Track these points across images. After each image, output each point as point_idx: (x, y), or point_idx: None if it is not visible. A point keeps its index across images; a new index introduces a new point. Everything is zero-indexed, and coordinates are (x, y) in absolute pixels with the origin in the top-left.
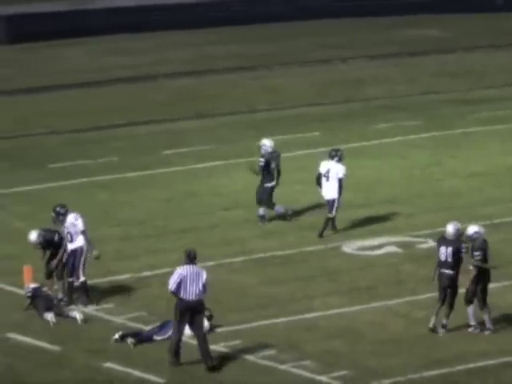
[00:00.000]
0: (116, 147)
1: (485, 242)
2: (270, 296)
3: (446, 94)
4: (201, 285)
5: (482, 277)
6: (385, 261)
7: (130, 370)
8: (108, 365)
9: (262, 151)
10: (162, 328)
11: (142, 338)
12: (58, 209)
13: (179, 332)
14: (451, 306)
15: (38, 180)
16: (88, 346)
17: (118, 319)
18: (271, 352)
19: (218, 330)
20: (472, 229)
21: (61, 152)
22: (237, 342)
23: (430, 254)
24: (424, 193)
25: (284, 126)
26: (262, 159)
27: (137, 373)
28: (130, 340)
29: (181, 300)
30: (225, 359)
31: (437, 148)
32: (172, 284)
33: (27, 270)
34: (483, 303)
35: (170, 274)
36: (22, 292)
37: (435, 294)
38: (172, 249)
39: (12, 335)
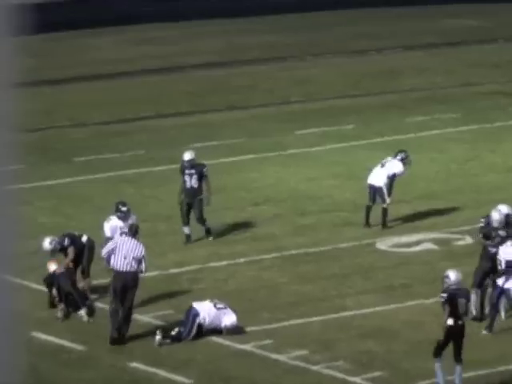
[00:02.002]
0: (143, 140)
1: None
2: (302, 294)
3: (486, 85)
4: (135, 258)
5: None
6: (421, 258)
7: (156, 370)
8: (134, 364)
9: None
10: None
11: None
12: (119, 206)
13: (113, 303)
14: None
15: (62, 174)
16: (113, 345)
17: (145, 317)
18: (303, 352)
19: (249, 329)
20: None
21: (86, 145)
22: (268, 342)
23: (467, 251)
24: (462, 188)
25: (317, 119)
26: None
27: (163, 373)
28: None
29: (112, 270)
30: (256, 359)
31: (475, 142)
32: (105, 251)
33: (51, 265)
34: None
35: (199, 271)
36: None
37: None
38: (200, 245)
39: (36, 334)
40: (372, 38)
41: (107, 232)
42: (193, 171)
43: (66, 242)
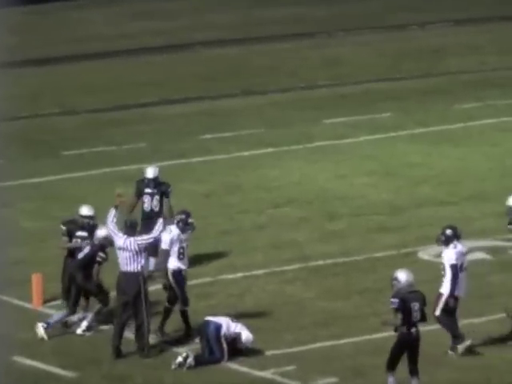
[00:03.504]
0: (144, 131)
1: None
2: (331, 312)
3: None
4: (129, 255)
5: None
6: (471, 270)
7: None
8: None
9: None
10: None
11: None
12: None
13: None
14: None
15: (49, 170)
16: (110, 372)
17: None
18: (332, 380)
19: (269, 353)
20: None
21: (78, 136)
22: (291, 368)
23: None
24: None
25: (348, 106)
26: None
27: None
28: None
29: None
30: None
31: None
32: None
33: (36, 279)
34: None
35: (209, 285)
36: (30, 306)
37: None
38: (211, 254)
39: (18, 358)
40: (413, 11)
41: (166, 244)
42: (155, 191)
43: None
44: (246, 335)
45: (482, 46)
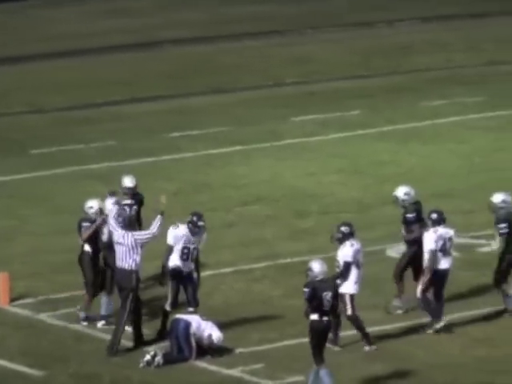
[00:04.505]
0: (113, 129)
1: (510, 214)
2: (299, 310)
3: None
4: (127, 251)
5: (509, 252)
6: None
7: None
8: None
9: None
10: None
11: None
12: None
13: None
14: None
15: (18, 168)
16: (78, 371)
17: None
18: (300, 378)
19: (237, 351)
20: (498, 197)
21: (47, 135)
22: (258, 366)
23: (493, 259)
24: (486, 185)
25: (317, 103)
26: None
27: None
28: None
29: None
30: None
31: (503, 130)
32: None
33: (3, 278)
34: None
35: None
36: None
37: (498, 308)
38: None
39: None
40: (381, 9)
41: (170, 239)
42: (133, 201)
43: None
44: (216, 335)
45: (449, 43)
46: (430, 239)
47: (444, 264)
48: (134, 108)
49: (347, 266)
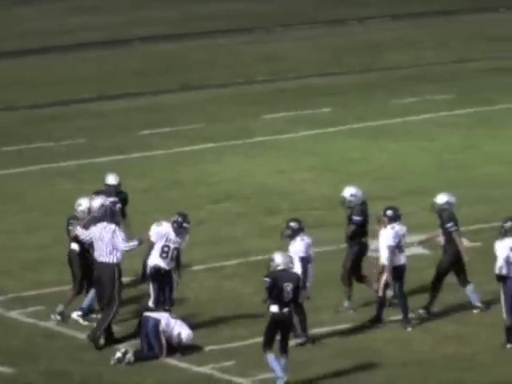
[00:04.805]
0: (83, 127)
1: (452, 214)
2: None
3: (485, 61)
4: (109, 244)
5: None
6: (408, 265)
7: None
8: None
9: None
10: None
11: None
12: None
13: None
14: None
15: None
16: (48, 368)
17: (84, 335)
18: (270, 375)
19: (207, 348)
20: (442, 198)
21: (16, 132)
22: (229, 363)
23: None
24: (457, 182)
25: (288, 101)
26: None
27: None
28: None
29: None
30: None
31: (472, 127)
32: (86, 234)
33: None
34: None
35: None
36: None
37: (469, 305)
38: None
39: None
40: (352, 6)
41: (152, 236)
42: (116, 199)
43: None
44: (186, 333)
45: (419, 40)
46: (389, 236)
47: (402, 260)
48: (104, 105)
49: (302, 261)
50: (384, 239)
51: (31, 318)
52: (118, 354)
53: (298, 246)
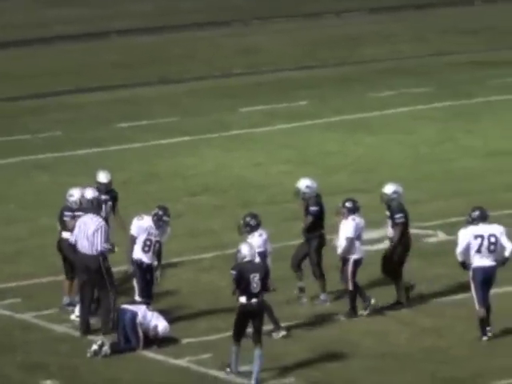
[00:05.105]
0: (60, 119)
1: (401, 205)
2: None
3: (461, 54)
4: (94, 238)
5: (405, 244)
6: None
7: None
8: (49, 383)
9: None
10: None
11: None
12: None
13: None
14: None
15: None
16: (25, 360)
17: (62, 328)
18: (247, 368)
19: (184, 341)
20: (390, 188)
21: None
22: (206, 356)
23: (439, 249)
24: (433, 175)
25: (264, 94)
26: None
27: None
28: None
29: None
30: (192, 376)
31: (449, 121)
32: (73, 236)
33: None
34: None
35: (125, 273)
36: None
37: (446, 299)
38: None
39: None
40: (329, 0)
41: (133, 230)
42: (108, 197)
43: None
44: (162, 326)
45: (396, 34)
46: (350, 227)
47: (361, 253)
48: (82, 98)
49: (260, 256)
50: (344, 231)
51: (8, 310)
52: (95, 347)
53: (256, 242)
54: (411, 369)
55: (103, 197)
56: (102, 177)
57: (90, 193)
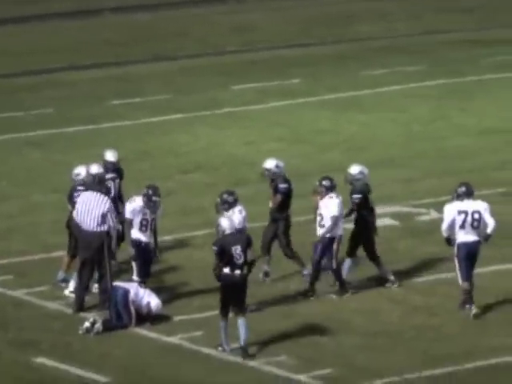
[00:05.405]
0: (53, 96)
1: (367, 185)
2: None
3: (455, 33)
4: (99, 215)
5: (365, 226)
6: (380, 235)
7: (67, 367)
8: (40, 360)
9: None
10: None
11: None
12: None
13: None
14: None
15: None
16: (16, 337)
17: (54, 305)
18: (239, 345)
19: (176, 318)
20: (356, 168)
21: None
22: (198, 334)
23: (432, 227)
24: (426, 153)
25: (257, 72)
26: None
27: (75, 370)
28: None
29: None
30: (184, 354)
31: (443, 99)
32: (75, 212)
33: None
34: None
35: (119, 251)
36: None
37: (438, 276)
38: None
39: None
40: None
41: (128, 214)
42: (115, 175)
43: None
44: (155, 303)
45: (391, 12)
46: (335, 205)
47: (340, 231)
48: (75, 75)
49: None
50: (329, 209)
51: (0, 287)
52: (87, 324)
53: (236, 218)
54: (403, 347)
55: (111, 175)
56: (110, 155)
57: (94, 168)
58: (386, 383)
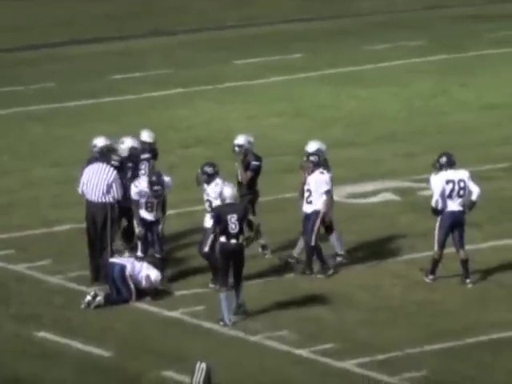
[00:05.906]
0: (53, 70)
1: (326, 161)
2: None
3: (456, 8)
4: (104, 185)
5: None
6: (379, 210)
7: (68, 341)
8: (42, 334)
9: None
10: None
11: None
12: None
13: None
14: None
15: None
16: (18, 312)
17: (55, 279)
18: (239, 319)
19: (178, 293)
20: (313, 145)
21: None
22: (199, 308)
23: None
24: (427, 128)
25: (259, 47)
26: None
27: (77, 344)
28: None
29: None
30: (186, 328)
31: (444, 74)
32: (80, 182)
33: None
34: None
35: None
36: None
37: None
38: None
39: None
40: None
41: (134, 196)
42: (149, 156)
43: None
44: (155, 274)
45: None
46: (327, 181)
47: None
48: (75, 50)
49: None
50: (322, 184)
51: (1, 261)
52: (88, 298)
53: (215, 190)
54: (404, 321)
55: (146, 155)
56: (146, 136)
57: (100, 141)
58: (388, 358)
